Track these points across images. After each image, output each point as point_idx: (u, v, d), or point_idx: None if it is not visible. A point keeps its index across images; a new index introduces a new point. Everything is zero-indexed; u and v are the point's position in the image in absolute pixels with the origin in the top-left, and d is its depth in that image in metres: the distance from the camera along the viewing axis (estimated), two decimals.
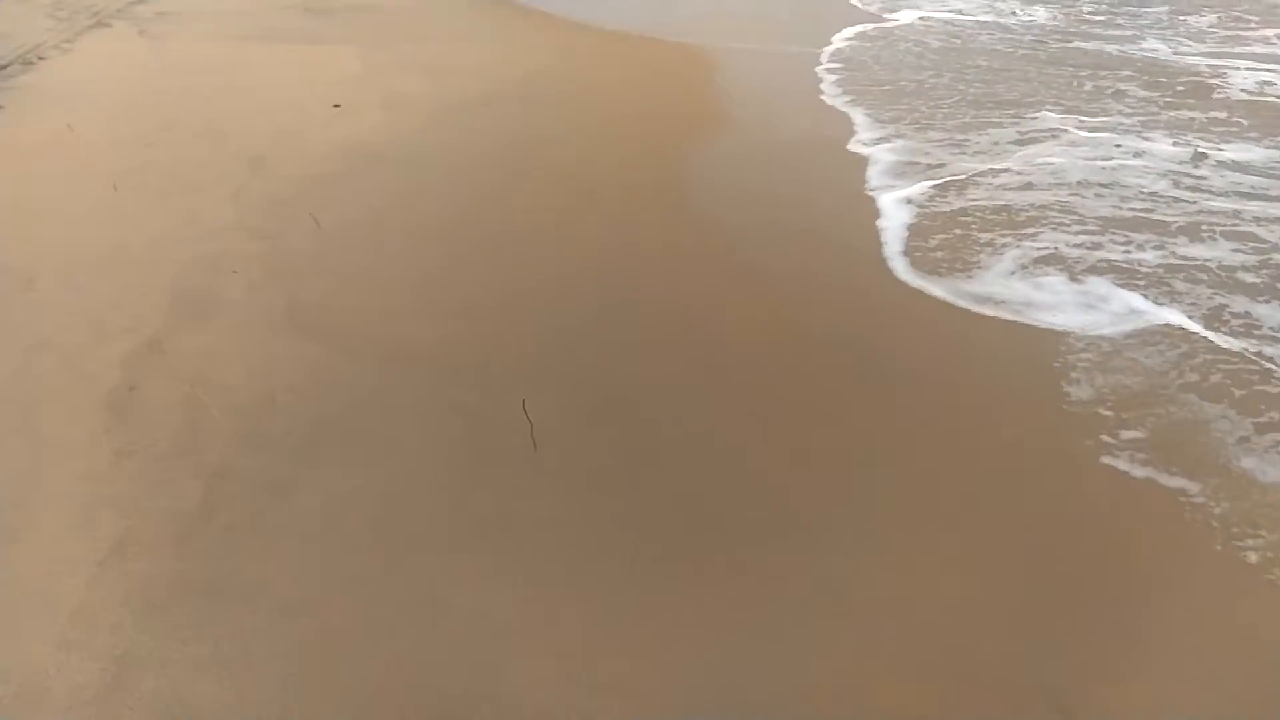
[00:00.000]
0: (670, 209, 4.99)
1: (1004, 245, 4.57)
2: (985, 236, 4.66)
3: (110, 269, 4.11)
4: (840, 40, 8.30)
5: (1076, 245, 4.54)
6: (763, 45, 8.18)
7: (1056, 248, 4.52)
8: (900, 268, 4.36)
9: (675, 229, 4.77)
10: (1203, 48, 7.18)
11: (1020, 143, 5.92)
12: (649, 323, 3.91)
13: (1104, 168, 5.45)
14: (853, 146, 5.90)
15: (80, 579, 2.49)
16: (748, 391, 3.47)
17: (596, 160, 5.62)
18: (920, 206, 5.05)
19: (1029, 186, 5.26)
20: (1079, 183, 5.26)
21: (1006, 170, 5.50)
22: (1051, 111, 6.41)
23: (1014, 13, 9.03)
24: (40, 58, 6.95)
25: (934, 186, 5.30)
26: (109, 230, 4.44)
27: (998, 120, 6.32)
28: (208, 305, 3.87)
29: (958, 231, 4.74)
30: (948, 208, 5.04)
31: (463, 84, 6.83)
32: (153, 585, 2.50)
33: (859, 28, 8.74)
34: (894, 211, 4.99)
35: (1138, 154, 5.63)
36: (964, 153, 5.80)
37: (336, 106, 6.22)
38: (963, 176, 5.42)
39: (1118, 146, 5.76)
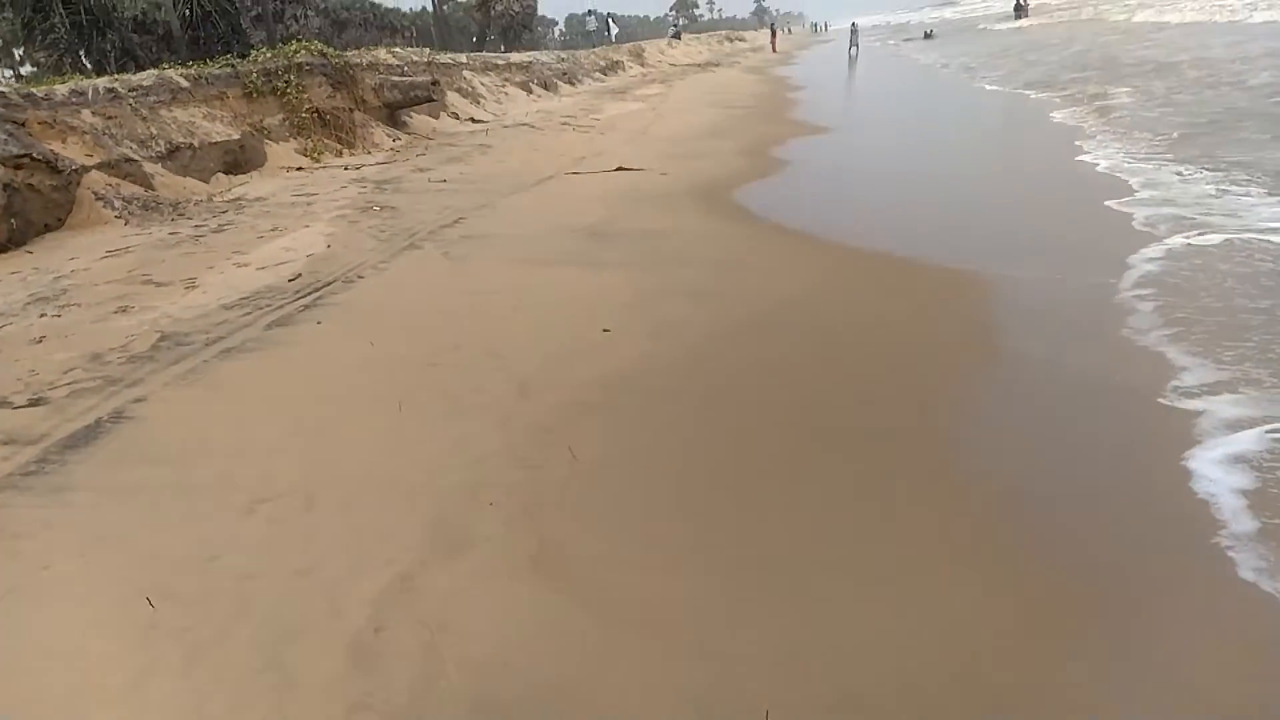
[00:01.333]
0: (933, 469, 4.54)
1: None
2: None
3: (383, 493, 4.31)
4: (1143, 263, 7.42)
5: None
6: (1046, 273, 7.60)
7: None
8: (1246, 563, 3.58)
9: (938, 494, 4.32)
10: None
11: None
12: (906, 604, 3.45)
13: None
14: (1170, 397, 4.98)
15: None
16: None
17: (855, 400, 5.35)
18: (1261, 470, 4.13)
19: None
20: None
21: None
22: None
23: None
24: (359, 276, 7.91)
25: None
26: (388, 452, 4.72)
27: None
28: (462, 540, 3.92)
29: None
30: None
31: (725, 311, 6.93)
32: None
33: (1158, 249, 7.74)
34: (1221, 475, 4.12)
35: None
36: None
37: (606, 331, 6.47)
38: None
39: None
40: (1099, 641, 3.20)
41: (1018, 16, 60.19)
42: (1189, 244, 7.72)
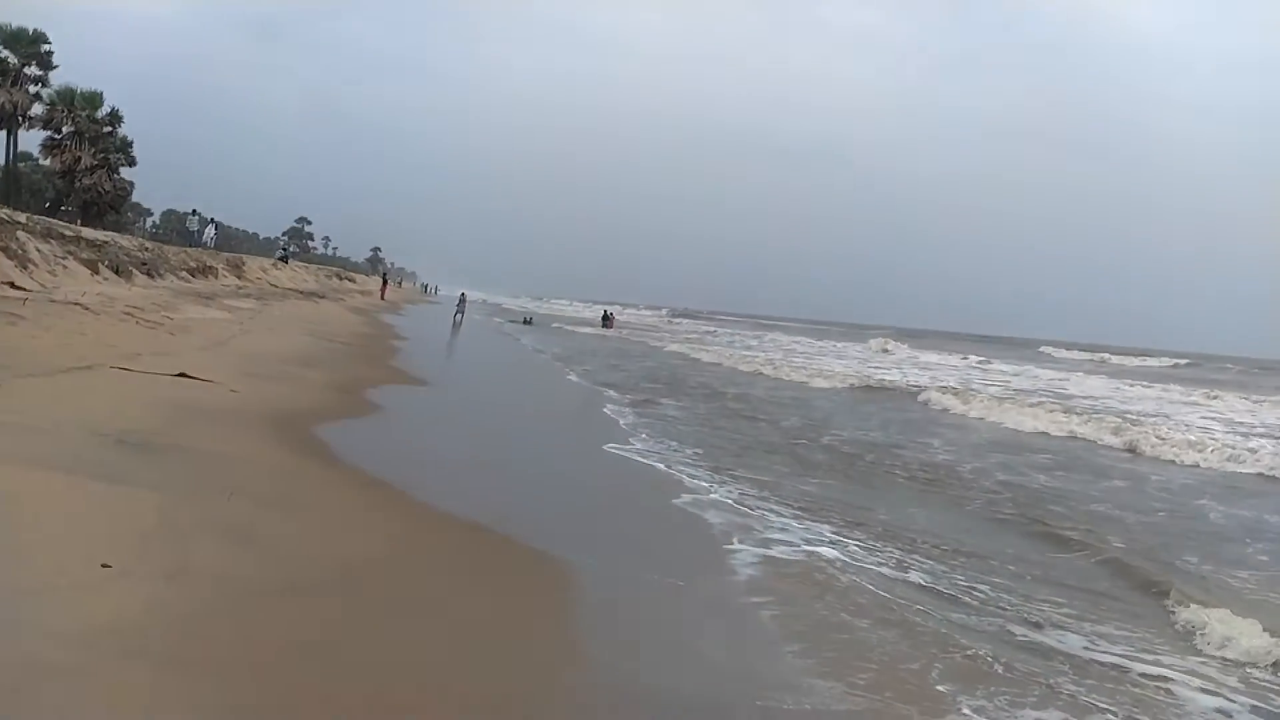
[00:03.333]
0: None
1: None
2: None
3: None
4: (743, 568, 7.43)
5: None
6: (637, 571, 7.41)
7: None
8: None
9: None
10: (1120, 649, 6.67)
11: None
12: None
13: None
14: None
15: None
16: None
17: (409, 702, 4.48)
18: None
19: None
20: None
21: None
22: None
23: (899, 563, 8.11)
24: None
25: None
26: None
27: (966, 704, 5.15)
28: None
29: None
30: None
31: (271, 563, 5.80)
32: None
33: (749, 556, 7.82)
34: None
35: None
36: None
37: (105, 566, 5.01)
38: None
39: None
40: None
41: (604, 325, 67.76)
42: (776, 555, 7.93)
